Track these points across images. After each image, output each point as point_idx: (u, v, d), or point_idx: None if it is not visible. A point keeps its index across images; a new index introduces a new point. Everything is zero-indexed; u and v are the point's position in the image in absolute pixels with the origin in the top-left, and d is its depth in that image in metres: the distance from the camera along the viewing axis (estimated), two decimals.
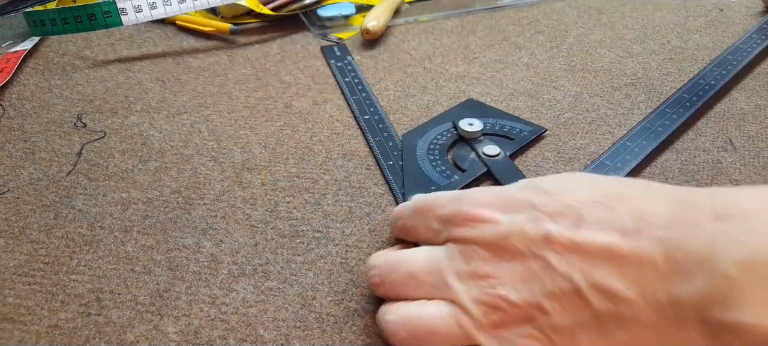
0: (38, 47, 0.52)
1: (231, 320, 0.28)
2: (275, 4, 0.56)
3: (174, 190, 0.36)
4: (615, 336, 0.20)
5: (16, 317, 0.28)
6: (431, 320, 0.24)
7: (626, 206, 0.22)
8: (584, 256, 0.21)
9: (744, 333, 0.18)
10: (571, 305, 0.21)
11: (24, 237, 0.33)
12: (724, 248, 0.19)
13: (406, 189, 0.35)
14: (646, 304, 0.20)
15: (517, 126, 0.41)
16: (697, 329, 0.19)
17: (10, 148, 0.40)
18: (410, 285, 0.25)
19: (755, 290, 0.18)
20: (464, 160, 0.38)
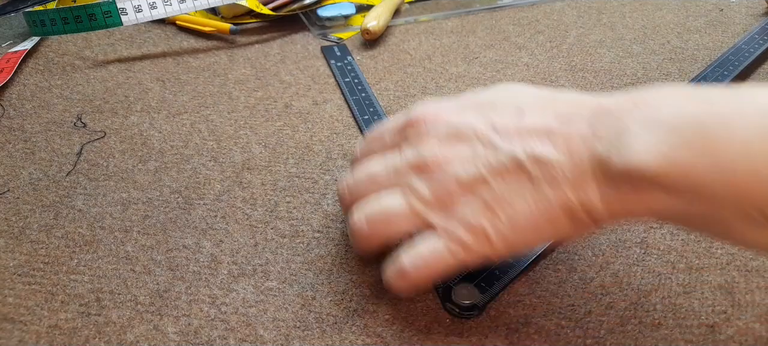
0: (38, 47, 0.52)
1: (231, 320, 0.28)
2: (275, 4, 0.56)
3: (174, 190, 0.36)
4: (546, 194, 0.24)
5: (16, 317, 0.28)
6: (387, 207, 0.27)
7: (560, 102, 0.26)
8: (525, 137, 0.25)
9: (632, 173, 0.22)
10: (512, 176, 0.25)
11: (24, 237, 0.33)
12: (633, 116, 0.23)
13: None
14: (572, 164, 0.24)
15: None
16: (603, 178, 0.23)
17: (10, 148, 0.40)
18: (370, 186, 0.28)
19: (641, 130, 0.22)
20: None
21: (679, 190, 0.22)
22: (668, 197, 0.22)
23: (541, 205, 0.24)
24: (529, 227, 0.25)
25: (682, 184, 0.22)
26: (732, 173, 0.21)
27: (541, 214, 0.24)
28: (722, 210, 0.21)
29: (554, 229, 0.25)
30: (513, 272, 0.30)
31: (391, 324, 0.28)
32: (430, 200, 0.26)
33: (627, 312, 0.29)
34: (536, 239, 0.25)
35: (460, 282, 0.29)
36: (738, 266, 0.31)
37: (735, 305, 0.29)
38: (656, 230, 0.33)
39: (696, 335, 0.28)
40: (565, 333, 0.28)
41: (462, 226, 0.25)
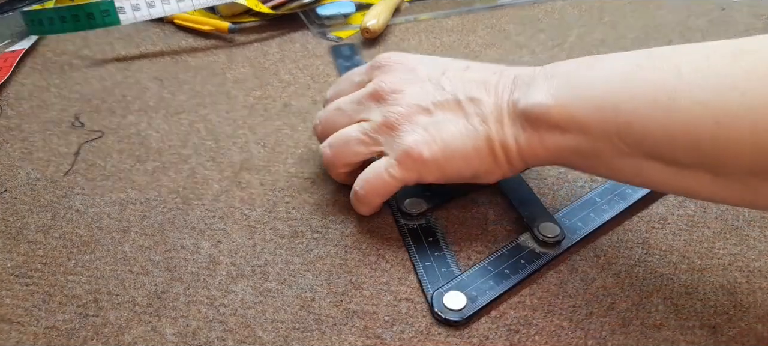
0: (36, 46, 0.52)
1: (229, 322, 0.28)
2: (274, 2, 0.56)
3: (172, 190, 0.36)
4: (476, 126, 0.30)
5: (13, 318, 0.28)
6: (346, 133, 0.32)
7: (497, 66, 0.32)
8: (466, 83, 0.31)
9: (534, 109, 0.28)
10: (450, 110, 0.30)
11: (21, 238, 0.33)
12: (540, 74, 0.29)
13: (399, 197, 0.33)
14: (496, 106, 0.30)
15: None
16: (515, 119, 0.29)
17: (7, 148, 0.40)
18: (338, 117, 0.33)
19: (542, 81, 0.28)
20: None
21: (566, 127, 0.27)
22: (561, 136, 0.28)
23: (471, 134, 0.30)
24: (458, 152, 0.30)
25: (567, 121, 0.27)
26: (597, 106, 0.26)
27: (470, 142, 0.30)
28: (597, 142, 0.27)
29: (478, 158, 0.30)
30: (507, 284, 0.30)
31: (390, 326, 0.28)
32: (380, 125, 0.31)
33: (629, 313, 0.28)
34: (464, 166, 0.30)
35: (450, 289, 0.29)
36: (740, 266, 0.31)
37: (737, 306, 0.29)
38: (658, 230, 0.33)
39: (698, 336, 0.27)
40: (566, 334, 0.27)
41: (402, 147, 0.30)
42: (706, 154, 0.24)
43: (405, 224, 0.33)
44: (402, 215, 0.33)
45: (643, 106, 0.25)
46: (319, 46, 0.52)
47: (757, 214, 0.34)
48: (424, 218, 0.33)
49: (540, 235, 0.31)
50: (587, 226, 0.33)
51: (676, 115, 0.24)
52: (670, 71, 0.25)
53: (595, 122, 0.27)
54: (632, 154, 0.26)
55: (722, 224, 0.33)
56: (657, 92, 0.25)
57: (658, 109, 0.25)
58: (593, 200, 0.34)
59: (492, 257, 0.31)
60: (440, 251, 0.31)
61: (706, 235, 0.33)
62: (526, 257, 0.31)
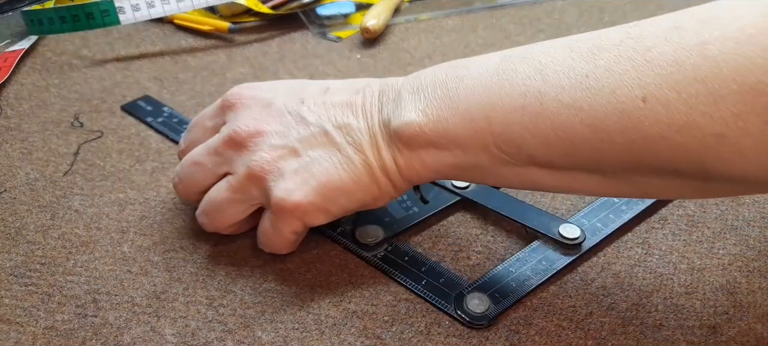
0: (36, 46, 0.52)
1: (228, 322, 0.28)
2: (274, 2, 0.56)
3: (171, 190, 0.36)
4: (351, 157, 0.28)
5: (12, 318, 0.28)
6: (217, 198, 0.30)
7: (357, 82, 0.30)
8: (330, 109, 0.29)
9: (406, 129, 0.27)
10: (319, 143, 0.28)
11: (20, 238, 0.33)
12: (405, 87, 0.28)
13: (357, 218, 0.32)
14: (369, 129, 0.28)
15: None
16: (391, 142, 0.28)
17: (7, 148, 0.40)
18: (197, 173, 0.31)
19: (409, 97, 0.27)
20: (429, 190, 0.34)
21: (440, 143, 0.26)
22: (438, 152, 0.27)
23: (347, 166, 0.28)
24: (337, 189, 0.28)
25: (442, 138, 0.26)
26: (470, 119, 0.25)
27: (348, 175, 0.28)
28: (476, 155, 0.26)
29: (361, 190, 0.28)
30: (527, 286, 0.29)
31: (390, 326, 0.28)
32: (246, 177, 0.29)
33: (628, 313, 0.28)
34: (347, 201, 0.28)
35: (472, 291, 0.29)
36: (740, 266, 0.31)
37: (737, 306, 0.29)
38: (658, 230, 0.33)
39: (697, 336, 0.27)
40: (566, 334, 0.27)
41: (275, 200, 0.28)
42: (585, 157, 0.24)
43: (371, 256, 0.31)
44: (361, 247, 0.31)
45: (513, 113, 0.24)
46: (318, 46, 0.52)
47: (756, 213, 0.34)
48: (386, 244, 0.31)
49: (560, 237, 0.31)
50: (607, 227, 0.32)
51: (546, 120, 0.24)
52: (534, 74, 0.24)
53: (469, 136, 0.26)
54: (513, 163, 0.26)
55: (722, 224, 0.33)
56: (524, 98, 0.24)
57: (527, 115, 0.24)
58: (611, 200, 0.33)
59: (512, 259, 0.30)
60: (425, 264, 0.30)
61: (705, 235, 0.33)
62: (546, 259, 0.30)
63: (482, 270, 0.31)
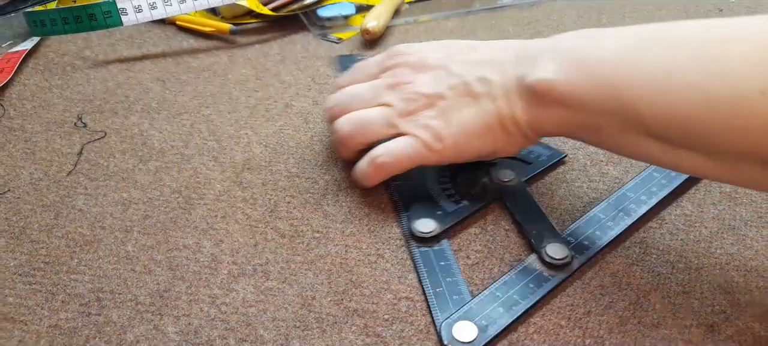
0: (38, 47, 0.52)
1: (231, 320, 0.28)
2: (275, 4, 0.56)
3: (174, 190, 0.36)
4: (486, 107, 0.32)
5: (16, 316, 0.28)
6: (368, 114, 0.34)
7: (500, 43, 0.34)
8: (475, 65, 0.33)
9: (538, 85, 0.29)
10: (462, 94, 0.32)
11: (24, 237, 0.33)
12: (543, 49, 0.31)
13: (411, 213, 0.33)
14: (504, 84, 0.31)
15: (535, 149, 0.38)
16: (522, 94, 0.31)
17: (10, 149, 0.40)
18: (355, 100, 0.35)
19: (546, 56, 0.30)
20: (475, 184, 0.35)
21: (569, 103, 0.29)
22: (564, 110, 0.29)
23: (482, 115, 0.32)
24: (472, 133, 0.32)
25: (570, 98, 0.29)
26: (598, 85, 0.28)
27: (482, 122, 0.32)
28: (599, 118, 0.28)
29: (492, 136, 0.32)
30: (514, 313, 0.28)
31: (390, 324, 0.28)
32: (400, 111, 0.33)
33: (626, 312, 0.29)
34: (478, 144, 0.32)
35: (459, 319, 0.28)
36: (737, 266, 0.31)
37: (734, 305, 0.29)
38: (655, 229, 0.33)
39: (695, 335, 0.28)
40: (565, 333, 0.28)
41: (422, 128, 0.33)
42: (698, 136, 0.25)
43: (417, 248, 0.32)
44: (414, 238, 0.32)
45: (640, 86, 0.26)
46: (319, 47, 0.52)
47: (754, 213, 0.34)
48: (436, 241, 0.32)
49: (547, 257, 0.30)
50: (594, 244, 0.31)
51: (669, 97, 0.25)
52: (667, 52, 0.26)
53: (596, 100, 0.28)
54: (632, 132, 0.27)
55: (719, 223, 0.33)
56: (654, 72, 0.26)
57: (653, 89, 0.26)
58: (597, 217, 0.33)
59: (499, 283, 0.30)
60: (452, 276, 0.30)
61: (703, 234, 0.33)
62: (535, 281, 0.30)
63: (482, 277, 0.31)
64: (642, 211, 0.33)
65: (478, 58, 0.33)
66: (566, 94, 0.29)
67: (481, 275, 0.31)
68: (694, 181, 0.36)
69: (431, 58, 0.34)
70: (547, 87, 0.29)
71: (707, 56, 0.25)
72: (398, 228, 0.33)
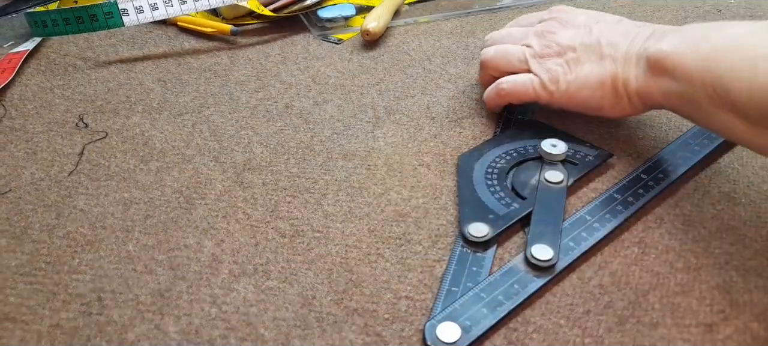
0: (40, 48, 0.52)
1: (232, 320, 0.28)
2: (276, 5, 0.56)
3: (175, 190, 0.36)
4: (606, 66, 0.36)
5: (17, 316, 0.29)
6: (509, 48, 0.41)
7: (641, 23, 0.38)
8: (613, 31, 0.37)
9: (657, 54, 0.33)
10: (592, 50, 0.37)
11: (26, 237, 0.33)
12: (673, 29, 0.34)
13: (463, 218, 0.33)
14: (630, 49, 0.36)
15: (582, 150, 0.38)
16: (640, 63, 0.35)
17: (12, 149, 0.40)
18: (506, 38, 0.43)
19: (671, 35, 0.34)
20: (525, 186, 0.35)
21: (675, 75, 0.32)
22: (671, 82, 0.33)
23: (600, 71, 0.36)
24: (585, 83, 0.37)
25: (677, 69, 0.32)
26: (704, 61, 0.31)
27: (597, 78, 0.36)
28: (697, 91, 0.31)
29: (602, 91, 0.36)
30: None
31: (391, 323, 0.28)
32: (535, 53, 0.39)
33: (625, 312, 0.29)
34: (587, 95, 0.37)
35: (443, 320, 0.28)
36: (736, 265, 0.31)
37: (733, 305, 0.29)
38: (654, 229, 0.33)
39: (694, 335, 0.28)
40: (564, 332, 0.28)
41: (546, 70, 0.38)
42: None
43: (462, 248, 0.31)
44: (466, 241, 0.32)
45: (734, 64, 0.30)
46: (320, 48, 0.52)
47: (752, 213, 0.34)
48: (486, 245, 0.32)
49: (532, 258, 0.30)
50: (579, 246, 0.31)
51: (758, 79, 0.28)
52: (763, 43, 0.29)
53: (697, 73, 0.31)
54: (721, 107, 0.30)
55: (718, 223, 0.34)
56: (748, 55, 0.29)
57: (744, 69, 0.29)
58: (584, 218, 0.33)
59: (483, 283, 0.29)
60: (474, 283, 0.30)
61: (702, 234, 0.33)
62: (519, 282, 0.29)
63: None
64: (628, 213, 0.33)
65: (620, 28, 0.37)
66: (674, 65, 0.32)
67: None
68: (680, 183, 0.36)
69: (580, 19, 0.39)
70: (662, 57, 0.33)
71: None
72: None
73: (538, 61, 0.39)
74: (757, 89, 0.28)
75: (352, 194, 0.36)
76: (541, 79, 0.38)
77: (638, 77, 0.35)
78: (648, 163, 0.37)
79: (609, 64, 0.36)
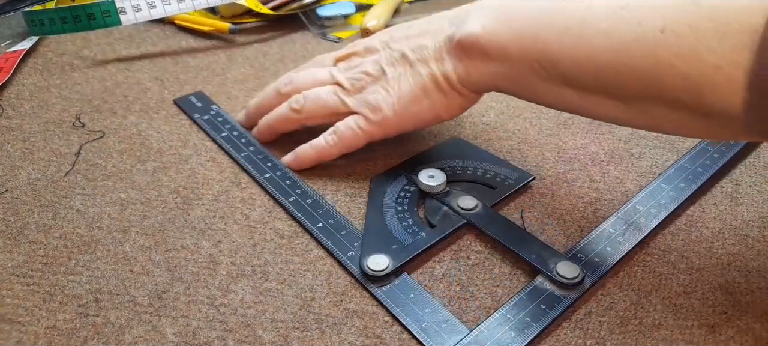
0: (37, 47, 0.52)
1: (229, 321, 0.28)
2: (274, 3, 0.56)
3: (172, 190, 0.36)
4: (420, 72, 0.34)
5: (14, 317, 0.28)
6: (321, 92, 0.37)
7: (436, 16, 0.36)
8: (410, 38, 0.35)
9: (465, 39, 0.32)
10: (400, 65, 0.35)
11: (22, 237, 0.33)
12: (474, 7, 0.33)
13: (365, 243, 0.31)
14: (436, 46, 0.34)
15: (502, 172, 0.36)
16: (453, 52, 0.33)
17: (8, 148, 0.40)
18: (309, 82, 0.38)
19: (474, 14, 0.32)
20: (435, 214, 0.33)
21: (492, 54, 0.31)
22: (490, 62, 0.31)
23: (417, 80, 0.34)
24: (409, 98, 0.34)
25: (493, 49, 0.31)
26: (519, 36, 0.30)
27: (418, 87, 0.34)
28: (520, 68, 0.30)
29: (428, 97, 0.34)
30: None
31: (390, 326, 0.28)
32: (348, 89, 0.36)
33: (627, 313, 0.29)
34: (418, 109, 0.34)
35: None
36: (739, 266, 0.31)
37: (735, 306, 0.29)
38: (656, 230, 0.33)
39: (696, 336, 0.27)
40: (566, 333, 0.28)
41: (366, 104, 0.35)
42: (606, 80, 0.27)
43: (376, 288, 0.29)
44: (368, 279, 0.30)
45: (556, 34, 0.28)
46: (319, 46, 0.52)
47: (755, 213, 0.34)
48: (394, 277, 0.30)
49: (558, 276, 0.29)
50: (606, 262, 0.30)
51: (582, 43, 0.27)
52: (583, 5, 0.28)
53: (516, 49, 0.30)
54: (549, 80, 0.29)
55: (721, 223, 0.33)
56: (569, 21, 0.28)
57: (568, 37, 0.28)
58: (607, 232, 0.32)
59: (509, 305, 0.28)
60: (430, 305, 0.28)
61: (704, 235, 0.33)
62: (546, 302, 0.28)
63: (485, 308, 0.29)
64: (652, 225, 0.32)
65: (416, 31, 0.36)
66: (491, 46, 0.31)
67: (469, 305, 0.29)
68: (702, 189, 0.35)
69: (376, 42, 0.37)
70: (473, 40, 0.31)
71: (616, 4, 0.27)
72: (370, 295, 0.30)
73: (354, 97, 0.36)
74: (583, 53, 0.27)
75: (350, 195, 0.36)
76: (363, 114, 0.35)
77: (456, 67, 0.33)
78: (667, 171, 0.36)
79: (422, 69, 0.34)
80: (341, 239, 0.32)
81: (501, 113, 0.43)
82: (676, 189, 0.35)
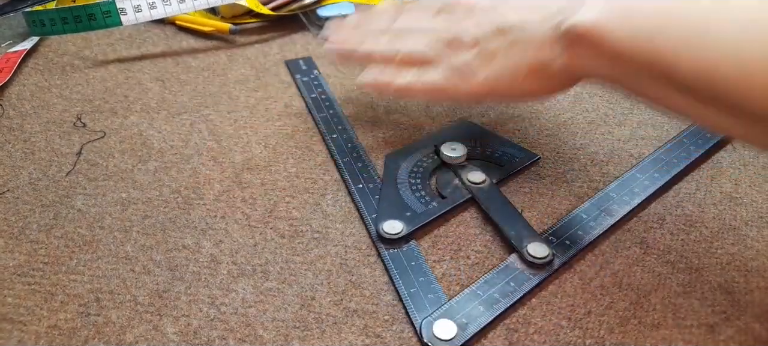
0: (38, 47, 0.52)
1: (230, 321, 0.28)
2: (275, 4, 0.56)
3: (174, 190, 0.36)
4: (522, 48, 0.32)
5: (15, 317, 0.28)
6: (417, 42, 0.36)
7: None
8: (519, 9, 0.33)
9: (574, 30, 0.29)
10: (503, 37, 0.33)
11: (23, 237, 0.33)
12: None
13: (380, 213, 0.33)
14: (541, 27, 0.31)
15: (509, 151, 0.38)
16: (561, 38, 0.30)
17: (9, 148, 0.40)
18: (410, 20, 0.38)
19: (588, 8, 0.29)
20: (447, 186, 0.36)
21: (601, 50, 0.29)
22: (597, 57, 0.29)
23: (515, 56, 0.32)
24: (504, 75, 0.33)
25: (603, 44, 0.28)
26: (636, 36, 0.28)
27: (514, 67, 0.32)
28: (633, 67, 0.28)
29: (522, 77, 0.32)
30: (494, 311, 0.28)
31: (390, 325, 0.28)
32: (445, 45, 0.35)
33: (627, 312, 0.29)
34: (509, 87, 0.33)
35: (439, 317, 0.28)
36: (738, 266, 0.31)
37: (735, 306, 0.29)
38: (656, 229, 0.33)
39: (695, 335, 0.28)
40: (565, 333, 0.28)
41: (457, 66, 0.34)
42: (723, 94, 0.25)
43: (385, 249, 0.32)
44: (381, 240, 0.32)
45: (675, 39, 0.26)
46: (319, 47, 0.52)
47: (754, 213, 0.34)
48: (404, 242, 0.32)
49: (529, 256, 0.30)
50: (575, 244, 0.32)
51: (702, 53, 0.25)
52: (707, 8, 0.26)
53: (628, 49, 0.28)
54: (661, 83, 0.27)
55: (720, 223, 0.33)
56: (690, 28, 0.26)
57: (687, 44, 0.26)
58: (580, 216, 0.33)
59: (480, 282, 0.30)
60: (424, 275, 0.30)
61: (703, 234, 0.33)
62: (515, 280, 0.30)
63: (466, 280, 0.31)
64: (624, 211, 0.34)
65: (527, 3, 0.34)
66: (604, 40, 0.28)
67: (455, 276, 0.31)
68: (674, 180, 0.36)
69: (484, 2, 0.36)
70: (584, 31, 0.29)
71: (745, 17, 0.25)
72: (378, 254, 0.32)
73: (449, 55, 0.35)
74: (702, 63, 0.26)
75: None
76: (456, 72, 0.34)
77: (561, 56, 0.31)
78: (643, 161, 0.37)
79: (525, 46, 0.32)
80: (374, 202, 0.34)
81: (501, 113, 0.43)
82: (650, 179, 0.36)
